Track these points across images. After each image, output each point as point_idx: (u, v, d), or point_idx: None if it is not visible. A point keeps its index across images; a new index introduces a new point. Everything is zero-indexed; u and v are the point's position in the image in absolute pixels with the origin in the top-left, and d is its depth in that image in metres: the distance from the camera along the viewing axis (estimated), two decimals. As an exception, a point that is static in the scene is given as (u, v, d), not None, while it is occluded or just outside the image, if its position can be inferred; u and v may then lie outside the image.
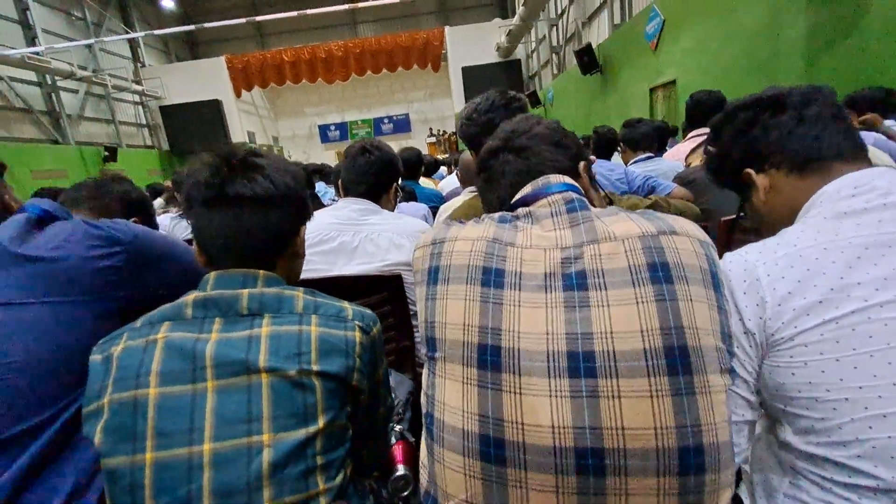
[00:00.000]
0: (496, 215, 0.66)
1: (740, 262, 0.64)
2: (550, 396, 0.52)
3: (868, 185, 0.63)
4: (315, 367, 0.64)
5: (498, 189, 0.72)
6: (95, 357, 0.67)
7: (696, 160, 2.06)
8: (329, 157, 17.05)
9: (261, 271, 0.71)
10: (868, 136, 2.14)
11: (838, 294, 0.57)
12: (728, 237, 1.43)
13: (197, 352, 0.64)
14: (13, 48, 9.45)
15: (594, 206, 0.69)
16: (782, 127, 0.72)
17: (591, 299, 0.54)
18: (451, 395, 0.57)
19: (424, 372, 0.64)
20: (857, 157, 0.70)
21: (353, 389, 0.68)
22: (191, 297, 0.69)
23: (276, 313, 0.68)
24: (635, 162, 2.43)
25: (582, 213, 0.62)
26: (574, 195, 0.64)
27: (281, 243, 0.75)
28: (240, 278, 0.70)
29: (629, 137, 2.54)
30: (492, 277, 0.58)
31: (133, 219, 1.02)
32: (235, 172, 0.71)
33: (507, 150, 0.73)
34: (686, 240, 0.58)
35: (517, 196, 0.69)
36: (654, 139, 2.60)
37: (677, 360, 0.51)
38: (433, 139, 15.88)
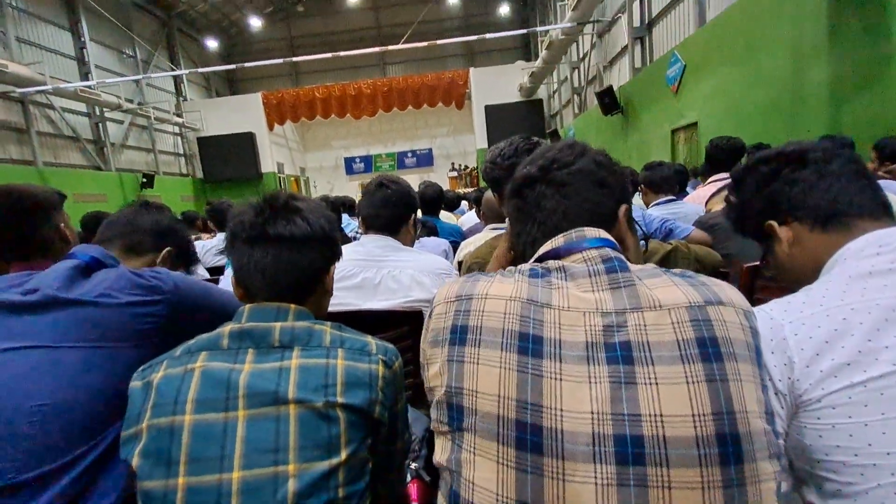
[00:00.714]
0: (526, 269, 0.62)
1: (766, 320, 0.63)
2: (596, 484, 0.48)
3: (892, 244, 0.63)
4: (340, 400, 0.68)
5: (529, 224, 0.68)
6: (136, 383, 0.71)
7: (717, 205, 2.07)
8: (353, 188, 17.51)
9: (292, 305, 0.76)
10: (893, 185, 2.12)
11: (866, 357, 0.57)
12: (751, 284, 1.42)
13: (231, 381, 0.67)
14: (68, 82, 10.21)
15: (629, 255, 0.67)
16: (804, 182, 0.72)
17: (638, 375, 0.51)
18: (483, 476, 0.52)
19: (443, 443, 0.58)
20: (880, 214, 0.70)
21: (375, 422, 0.71)
22: (227, 328, 0.73)
23: (305, 346, 0.72)
24: (656, 204, 2.44)
25: (622, 275, 0.57)
26: (612, 253, 0.60)
27: (313, 280, 0.80)
28: (273, 311, 0.74)
29: (650, 180, 2.56)
30: (529, 345, 0.54)
31: (166, 249, 1.07)
32: (277, 214, 0.78)
33: (545, 183, 0.67)
34: (732, 311, 0.55)
35: (547, 246, 0.65)
36: (675, 182, 2.62)
37: (729, 449, 0.48)
38: (455, 174, 16.19)
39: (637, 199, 3.13)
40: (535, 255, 0.65)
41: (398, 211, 1.45)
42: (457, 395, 0.55)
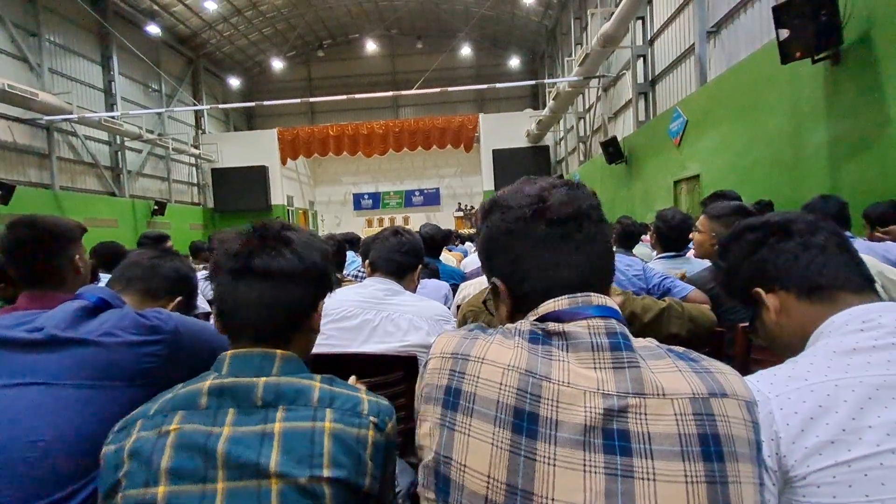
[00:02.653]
0: (526, 331, 0.58)
1: (753, 393, 0.62)
2: None
3: (875, 321, 0.65)
4: (326, 473, 0.63)
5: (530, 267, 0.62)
6: (109, 448, 0.67)
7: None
8: (360, 223, 17.78)
9: (278, 351, 0.71)
10: (893, 248, 2.14)
11: (850, 435, 0.57)
12: (747, 345, 1.42)
13: (209, 448, 0.63)
14: (94, 112, 10.66)
15: None
16: (789, 252, 0.74)
17: (636, 469, 0.49)
18: None
19: None
20: (864, 289, 0.71)
21: (363, 495, 0.66)
22: (206, 383, 0.68)
23: (291, 405, 0.66)
24: (661, 258, 2.37)
25: (626, 354, 0.55)
26: (617, 326, 0.57)
27: (299, 319, 0.75)
28: (257, 360, 0.69)
29: (663, 232, 2.40)
30: (524, 424, 0.51)
31: (179, 298, 1.08)
32: (265, 245, 0.72)
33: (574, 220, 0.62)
34: (736, 405, 0.53)
35: (550, 306, 0.60)
36: (686, 239, 2.55)
37: None
38: (461, 213, 16.43)
39: (643, 248, 3.12)
40: (536, 314, 0.61)
41: (409, 260, 1.52)
42: (444, 465, 0.54)
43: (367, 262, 1.56)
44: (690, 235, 2.11)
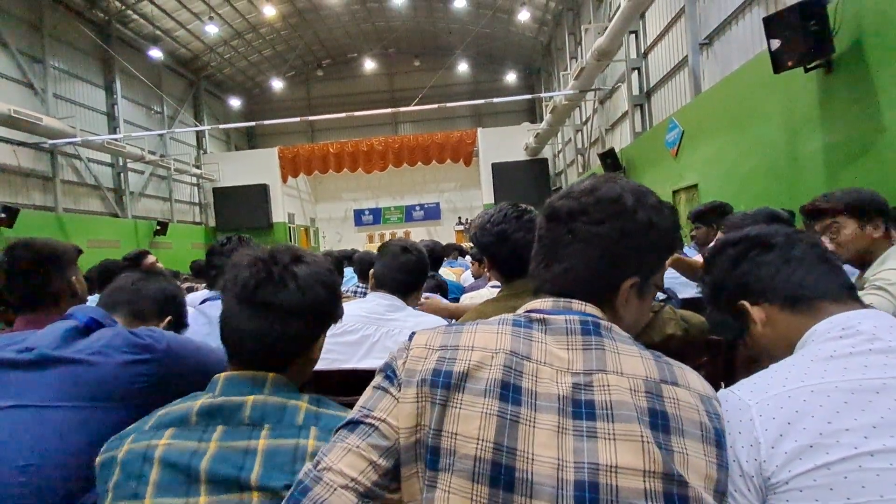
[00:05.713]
0: (510, 318, 0.66)
1: (735, 402, 0.65)
2: None
3: (854, 328, 0.66)
4: None
5: (542, 263, 0.70)
6: (103, 457, 0.69)
7: None
8: (361, 239, 17.83)
9: (270, 374, 0.73)
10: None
11: (828, 439, 0.58)
12: (749, 356, 1.40)
13: (193, 465, 0.64)
14: (97, 135, 10.81)
15: (622, 325, 0.67)
16: (770, 265, 0.76)
17: (599, 430, 0.57)
18: None
19: (409, 485, 0.60)
20: (845, 297, 0.73)
21: None
22: (198, 402, 0.70)
23: (276, 424, 0.68)
24: None
25: (595, 338, 0.63)
26: (590, 318, 0.65)
27: (298, 350, 0.77)
28: (248, 382, 0.71)
29: None
30: (510, 393, 0.59)
31: (167, 318, 1.08)
32: (272, 277, 0.74)
33: (568, 229, 0.68)
34: (687, 393, 0.59)
35: (536, 304, 0.69)
36: (681, 244, 2.62)
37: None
38: (461, 227, 16.47)
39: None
40: (526, 307, 0.70)
41: (415, 279, 1.52)
42: (434, 437, 0.59)
43: (371, 273, 1.54)
44: None
